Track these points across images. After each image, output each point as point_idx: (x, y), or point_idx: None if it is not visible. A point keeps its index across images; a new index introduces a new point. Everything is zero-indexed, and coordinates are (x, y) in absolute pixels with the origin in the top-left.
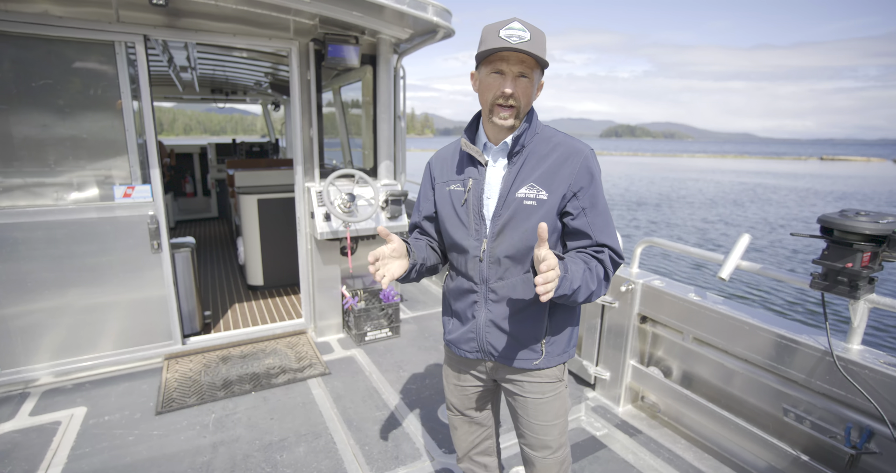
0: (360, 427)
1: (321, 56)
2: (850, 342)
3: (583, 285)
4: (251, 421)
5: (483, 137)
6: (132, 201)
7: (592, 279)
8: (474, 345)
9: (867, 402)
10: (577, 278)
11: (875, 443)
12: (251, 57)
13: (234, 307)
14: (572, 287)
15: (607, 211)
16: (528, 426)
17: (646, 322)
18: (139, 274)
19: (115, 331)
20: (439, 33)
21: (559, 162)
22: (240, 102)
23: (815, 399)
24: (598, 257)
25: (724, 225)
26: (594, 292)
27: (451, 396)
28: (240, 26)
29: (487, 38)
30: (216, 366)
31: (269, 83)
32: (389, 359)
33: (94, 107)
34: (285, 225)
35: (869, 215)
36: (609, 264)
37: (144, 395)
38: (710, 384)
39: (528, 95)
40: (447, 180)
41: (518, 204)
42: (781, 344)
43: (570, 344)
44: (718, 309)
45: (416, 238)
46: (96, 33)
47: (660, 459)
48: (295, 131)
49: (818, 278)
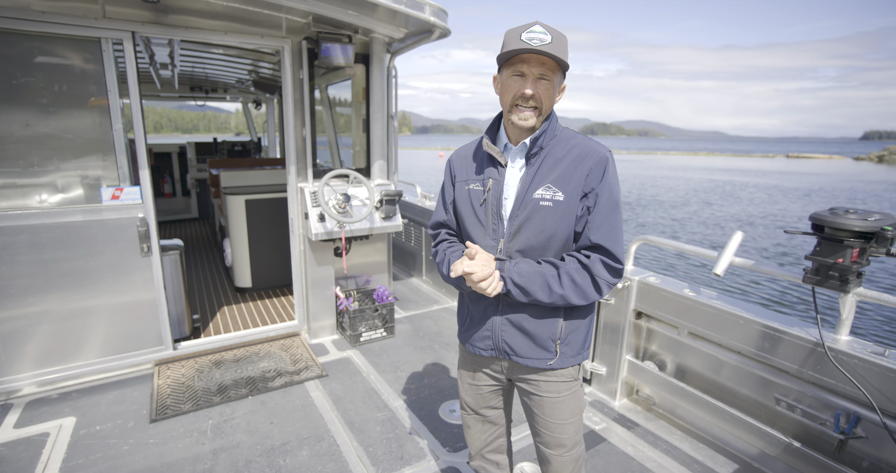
0: (363, 428)
1: (314, 55)
2: (839, 333)
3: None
4: (250, 426)
5: (504, 137)
6: (120, 203)
7: (558, 284)
8: (489, 343)
9: (856, 390)
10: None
11: (861, 428)
12: (234, 54)
13: (223, 310)
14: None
15: (613, 213)
16: (544, 424)
17: (641, 318)
18: (128, 278)
19: (102, 337)
20: (435, 33)
21: (575, 164)
22: (220, 100)
23: (806, 388)
24: (582, 262)
25: (700, 225)
26: (565, 295)
27: (465, 395)
28: (231, 24)
29: (509, 41)
30: (209, 371)
31: (252, 81)
32: (386, 360)
33: (79, 105)
34: (274, 226)
35: (857, 212)
36: (599, 269)
37: (136, 403)
38: (704, 376)
39: (550, 97)
40: (467, 179)
41: (535, 205)
42: (774, 336)
43: (585, 346)
44: (713, 304)
45: (450, 243)
46: (81, 29)
47: (658, 450)
48: (288, 131)
49: (810, 273)
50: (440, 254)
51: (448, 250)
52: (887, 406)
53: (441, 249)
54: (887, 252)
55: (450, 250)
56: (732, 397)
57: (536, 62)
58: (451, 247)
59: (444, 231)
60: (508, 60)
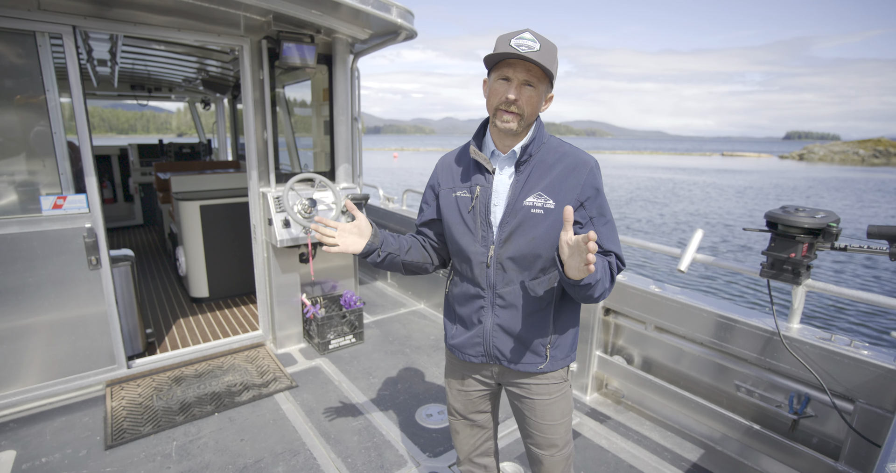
0: (339, 439)
1: (275, 55)
2: (791, 322)
3: (602, 279)
4: (219, 445)
5: (490, 144)
6: (64, 213)
7: (607, 277)
8: (480, 350)
9: (807, 373)
10: (599, 269)
11: (811, 408)
12: (181, 52)
13: (179, 323)
14: (596, 277)
15: (612, 220)
16: (536, 426)
17: (609, 314)
18: (74, 294)
19: (45, 359)
20: (402, 35)
21: (566, 172)
22: (164, 99)
23: (762, 374)
24: (607, 259)
25: (648, 224)
26: (607, 289)
27: (454, 401)
28: (185, 20)
29: (498, 46)
30: (169, 389)
31: (202, 80)
32: (357, 367)
33: (11, 105)
34: (232, 232)
35: (805, 210)
36: (615, 268)
37: (88, 429)
38: (669, 367)
39: (533, 105)
40: (453, 187)
41: (526, 212)
42: (733, 327)
43: (573, 347)
44: (677, 299)
45: (413, 236)
46: (12, 22)
47: (630, 441)
48: (248, 134)
49: (766, 268)
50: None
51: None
52: (834, 386)
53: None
54: (831, 246)
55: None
56: (696, 385)
57: (522, 68)
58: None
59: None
60: (496, 65)
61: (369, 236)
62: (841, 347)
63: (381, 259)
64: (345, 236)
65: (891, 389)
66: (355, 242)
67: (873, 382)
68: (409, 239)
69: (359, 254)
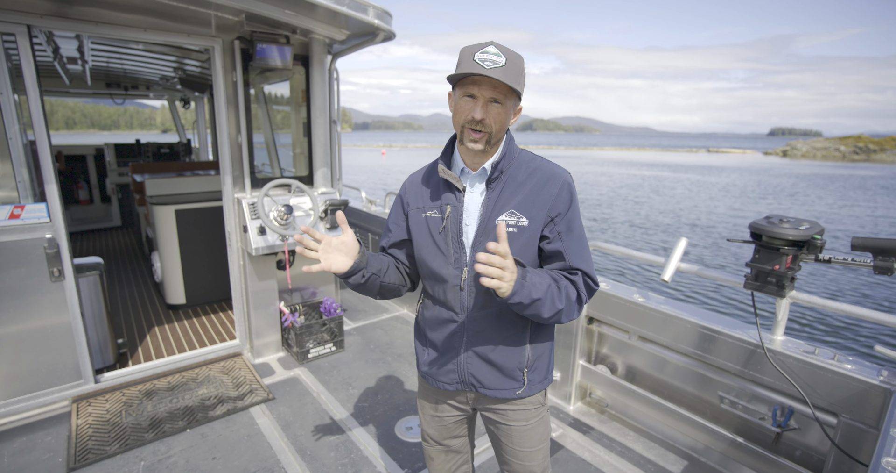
0: (315, 455)
1: (248, 56)
2: (774, 334)
3: (546, 299)
4: (190, 464)
5: (459, 161)
6: (22, 223)
7: (560, 298)
8: (455, 377)
9: (790, 386)
10: (540, 289)
11: (795, 421)
12: (157, 50)
13: (154, 332)
14: (531, 296)
15: (583, 236)
16: (512, 453)
17: (592, 323)
18: (36, 307)
19: (5, 375)
20: (379, 36)
21: (538, 187)
22: (142, 97)
23: (746, 386)
24: (570, 279)
25: (630, 227)
26: (562, 311)
27: (427, 427)
28: (152, 19)
29: (462, 61)
30: (140, 404)
31: (179, 78)
32: (337, 376)
33: None
34: (209, 237)
35: (790, 221)
36: (583, 287)
37: (50, 449)
38: (653, 377)
39: (501, 122)
40: (423, 207)
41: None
42: (717, 338)
43: (549, 370)
44: (661, 309)
45: (382, 256)
46: None
47: (613, 453)
48: (221, 138)
49: (750, 279)
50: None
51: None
52: (817, 400)
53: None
54: (816, 258)
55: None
56: (680, 396)
57: (488, 85)
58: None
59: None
60: (461, 81)
61: (356, 255)
62: (824, 360)
63: (364, 280)
64: (328, 253)
65: (874, 404)
66: (340, 260)
67: (857, 397)
68: (387, 259)
69: (342, 274)
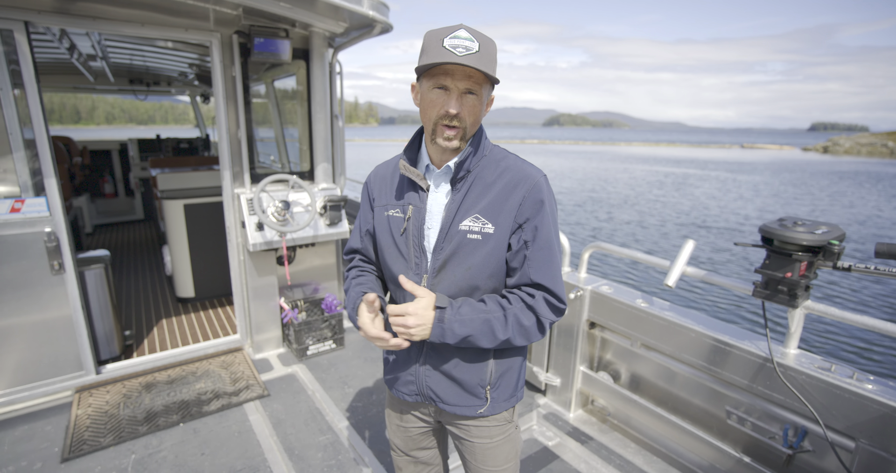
0: (303, 455)
1: (247, 50)
2: (787, 347)
3: (479, 334)
4: (178, 459)
5: (425, 158)
6: (22, 217)
7: (504, 327)
8: (413, 388)
9: (803, 405)
10: (470, 325)
11: (808, 442)
12: (173, 47)
13: (162, 324)
14: (457, 335)
15: (552, 247)
16: (477, 471)
17: (594, 328)
18: (37, 300)
19: (7, 366)
20: (376, 28)
21: (507, 190)
22: (164, 93)
23: (756, 402)
24: (526, 301)
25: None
26: (509, 339)
27: (394, 437)
28: (149, 14)
29: (429, 48)
30: (138, 396)
31: (196, 75)
32: (334, 374)
33: None
34: (216, 231)
35: (805, 224)
36: (544, 308)
37: (48, 439)
38: (657, 387)
39: (476, 114)
40: (386, 204)
41: (462, 238)
42: (725, 350)
43: (518, 387)
44: (665, 316)
45: (360, 272)
46: None
47: (611, 466)
48: (221, 133)
49: (760, 287)
50: (346, 282)
51: (355, 282)
52: (832, 422)
53: (350, 276)
54: (834, 266)
55: (356, 281)
56: (686, 408)
57: (462, 75)
58: (360, 277)
59: (358, 258)
60: (429, 71)
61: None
62: (842, 379)
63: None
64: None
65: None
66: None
67: (877, 421)
68: (371, 279)
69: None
